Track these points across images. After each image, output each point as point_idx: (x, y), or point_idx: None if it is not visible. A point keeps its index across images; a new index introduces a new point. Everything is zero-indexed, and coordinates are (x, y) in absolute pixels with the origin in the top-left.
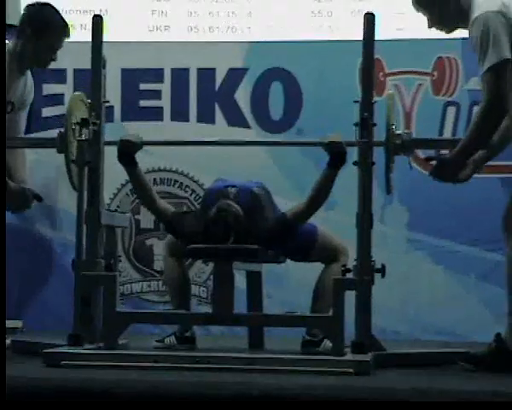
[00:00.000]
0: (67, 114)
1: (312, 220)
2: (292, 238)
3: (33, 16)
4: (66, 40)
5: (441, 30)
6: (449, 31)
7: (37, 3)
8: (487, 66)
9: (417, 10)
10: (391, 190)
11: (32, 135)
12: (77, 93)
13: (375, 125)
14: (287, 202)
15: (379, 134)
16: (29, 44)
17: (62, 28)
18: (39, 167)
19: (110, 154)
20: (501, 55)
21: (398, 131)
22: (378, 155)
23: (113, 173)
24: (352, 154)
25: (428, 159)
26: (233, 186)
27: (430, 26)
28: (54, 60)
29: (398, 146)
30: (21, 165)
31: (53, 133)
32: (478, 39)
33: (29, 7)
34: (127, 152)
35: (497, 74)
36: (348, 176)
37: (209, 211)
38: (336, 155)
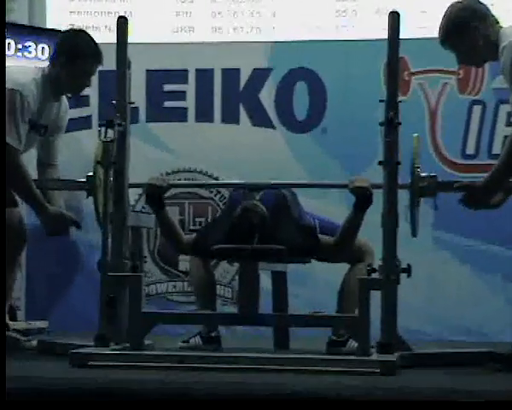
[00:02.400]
0: (95, 159)
1: (338, 219)
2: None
3: (67, 43)
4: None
5: (471, 65)
6: (478, 65)
7: (72, 30)
8: None
9: (445, 48)
10: (416, 233)
11: None
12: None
13: (399, 124)
14: (310, 201)
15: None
16: (63, 71)
17: (96, 55)
18: (65, 168)
19: (135, 154)
20: None
21: (423, 174)
22: (403, 153)
23: (139, 174)
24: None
25: (459, 187)
26: None
27: (459, 63)
28: (88, 86)
29: (424, 189)
30: (57, 192)
31: (77, 135)
32: (508, 67)
33: (63, 34)
34: (154, 195)
35: None
36: (372, 177)
37: (234, 211)
38: (362, 198)
